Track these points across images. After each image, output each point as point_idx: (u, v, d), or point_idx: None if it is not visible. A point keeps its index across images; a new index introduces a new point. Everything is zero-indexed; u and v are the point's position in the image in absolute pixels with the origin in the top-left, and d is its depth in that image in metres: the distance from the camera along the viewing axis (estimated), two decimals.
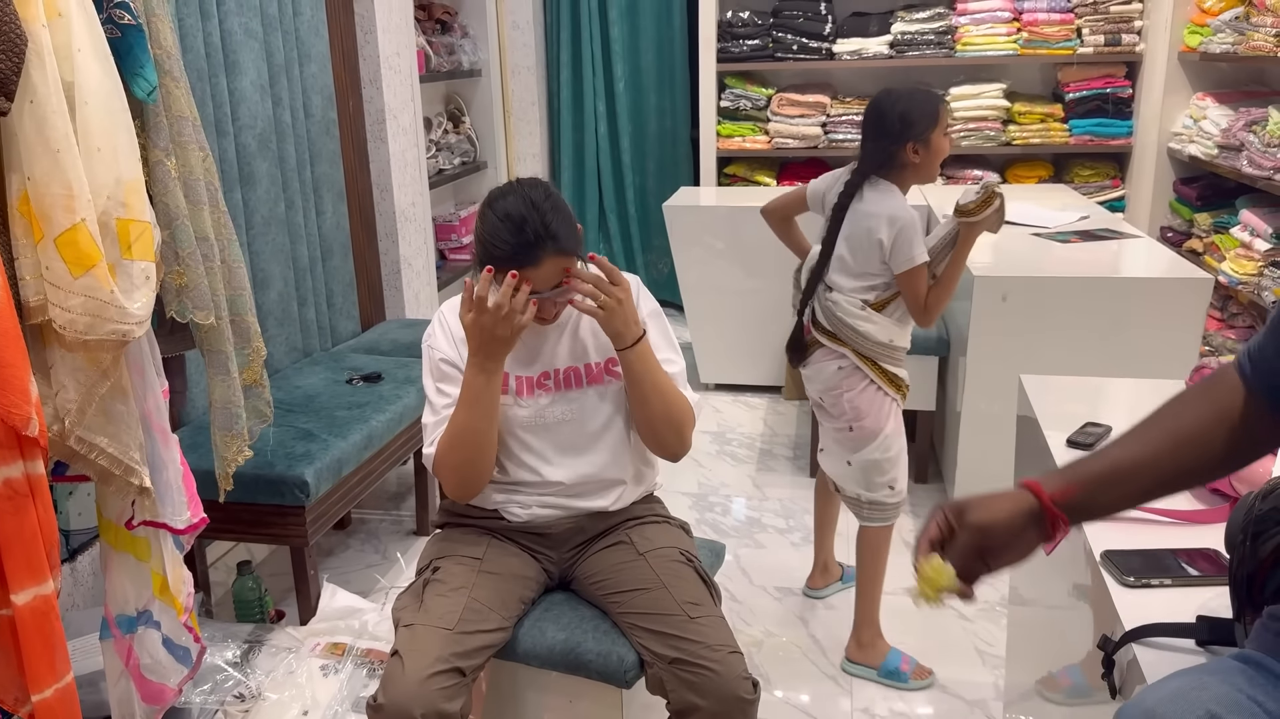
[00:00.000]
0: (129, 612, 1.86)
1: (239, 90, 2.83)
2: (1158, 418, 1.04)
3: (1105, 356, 2.78)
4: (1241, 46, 3.59)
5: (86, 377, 1.58)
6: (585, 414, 1.80)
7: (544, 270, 1.63)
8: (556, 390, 1.80)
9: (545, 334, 1.79)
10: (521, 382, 1.79)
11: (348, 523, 3.19)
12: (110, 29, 1.62)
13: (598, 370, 1.81)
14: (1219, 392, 1.03)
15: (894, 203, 2.21)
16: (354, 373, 2.99)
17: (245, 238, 2.88)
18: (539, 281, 1.63)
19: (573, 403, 1.80)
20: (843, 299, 2.26)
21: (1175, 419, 1.03)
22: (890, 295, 2.25)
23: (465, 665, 1.60)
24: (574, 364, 1.80)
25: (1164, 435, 1.03)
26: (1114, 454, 1.05)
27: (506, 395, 1.78)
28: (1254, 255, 3.42)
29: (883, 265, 2.22)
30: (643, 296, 1.82)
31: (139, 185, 1.63)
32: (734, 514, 3.25)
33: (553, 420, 1.80)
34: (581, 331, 1.81)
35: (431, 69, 4.29)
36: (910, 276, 2.19)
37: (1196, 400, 1.04)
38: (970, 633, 2.55)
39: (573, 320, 1.80)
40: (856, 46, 4.60)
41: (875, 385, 2.28)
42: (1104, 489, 1.03)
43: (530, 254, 1.61)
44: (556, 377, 1.80)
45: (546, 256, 1.62)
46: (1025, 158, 4.74)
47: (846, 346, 2.27)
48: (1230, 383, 1.02)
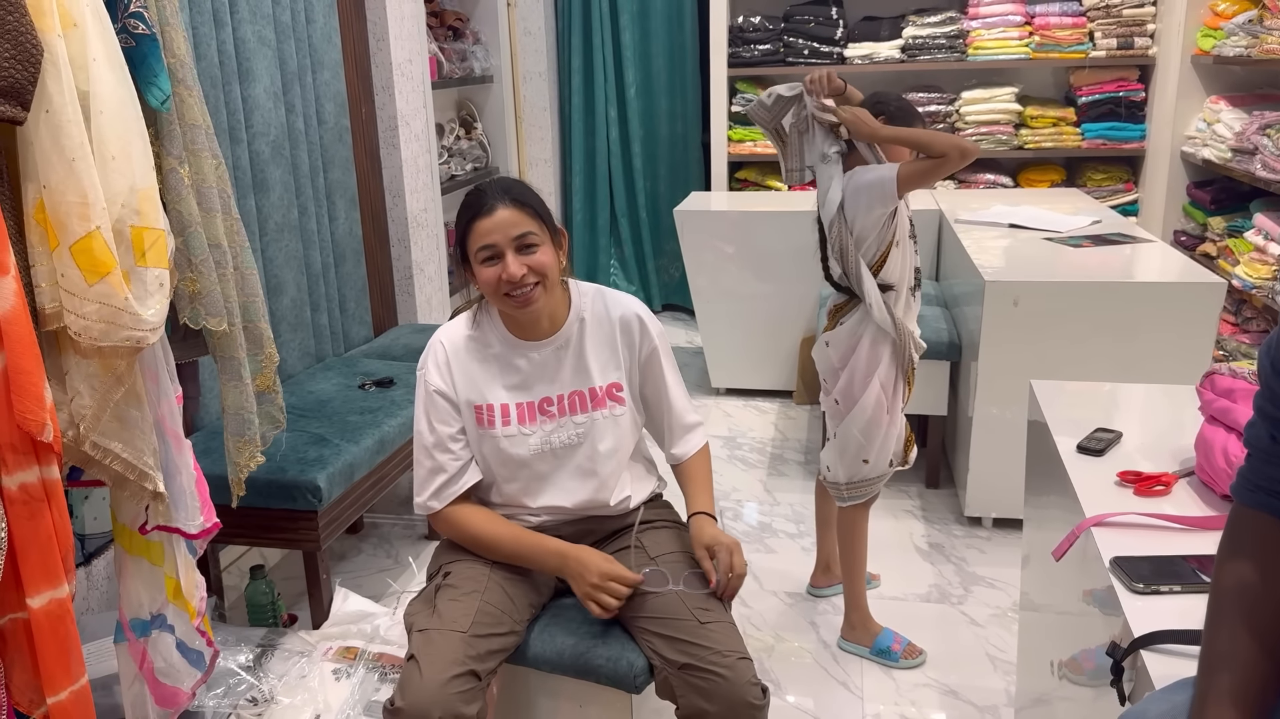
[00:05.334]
0: (143, 615, 1.87)
1: (252, 98, 2.85)
2: (1226, 625, 0.95)
3: (1117, 362, 2.77)
4: (1255, 50, 3.57)
5: (101, 383, 1.60)
6: (594, 438, 1.81)
7: (499, 218, 1.69)
8: (561, 416, 1.80)
9: (547, 358, 1.80)
10: (522, 408, 1.79)
11: (360, 527, 3.21)
12: (124, 38, 1.63)
13: (602, 394, 1.81)
14: (1266, 554, 0.97)
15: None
16: (366, 378, 3.01)
17: (258, 244, 2.90)
18: (495, 231, 1.69)
19: (580, 427, 1.80)
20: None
21: (1251, 617, 0.95)
22: (881, 255, 2.25)
23: (480, 669, 1.61)
24: (578, 388, 1.80)
25: (1259, 647, 0.94)
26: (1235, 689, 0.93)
27: (508, 425, 1.79)
28: (1268, 259, 3.40)
29: (856, 219, 2.22)
30: (648, 323, 1.86)
31: (153, 193, 1.64)
32: (745, 519, 3.24)
33: (559, 445, 1.80)
34: (586, 355, 1.81)
35: (443, 75, 4.31)
36: (907, 180, 2.15)
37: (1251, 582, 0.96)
38: (982, 639, 2.54)
39: (574, 342, 1.81)
40: (868, 51, 4.60)
41: (881, 350, 2.28)
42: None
43: (485, 202, 1.71)
44: (560, 402, 1.80)
45: (500, 205, 1.69)
46: (1037, 162, 4.73)
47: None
48: (1265, 532, 0.98)
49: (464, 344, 1.82)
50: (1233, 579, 0.97)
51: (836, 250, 2.26)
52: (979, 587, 2.77)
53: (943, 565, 2.88)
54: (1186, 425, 1.60)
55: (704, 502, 1.85)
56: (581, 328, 1.81)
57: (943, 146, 2.13)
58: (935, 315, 3.38)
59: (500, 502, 1.85)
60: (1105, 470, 1.51)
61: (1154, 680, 1.04)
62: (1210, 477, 1.42)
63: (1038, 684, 1.85)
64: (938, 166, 2.13)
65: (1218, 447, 1.39)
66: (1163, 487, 1.44)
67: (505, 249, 1.68)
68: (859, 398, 2.31)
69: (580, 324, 1.81)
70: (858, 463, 2.35)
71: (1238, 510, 1.01)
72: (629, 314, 1.84)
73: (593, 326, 1.82)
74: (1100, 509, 1.39)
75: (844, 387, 2.34)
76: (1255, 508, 0.99)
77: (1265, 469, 0.98)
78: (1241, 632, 0.93)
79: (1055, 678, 1.66)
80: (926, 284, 3.86)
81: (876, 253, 2.23)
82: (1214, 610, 0.97)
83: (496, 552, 1.77)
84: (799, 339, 4.12)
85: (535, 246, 1.70)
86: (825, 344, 2.37)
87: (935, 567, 2.88)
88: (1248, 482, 1.00)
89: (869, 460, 2.35)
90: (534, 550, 1.76)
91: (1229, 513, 1.02)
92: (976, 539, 3.01)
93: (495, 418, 1.79)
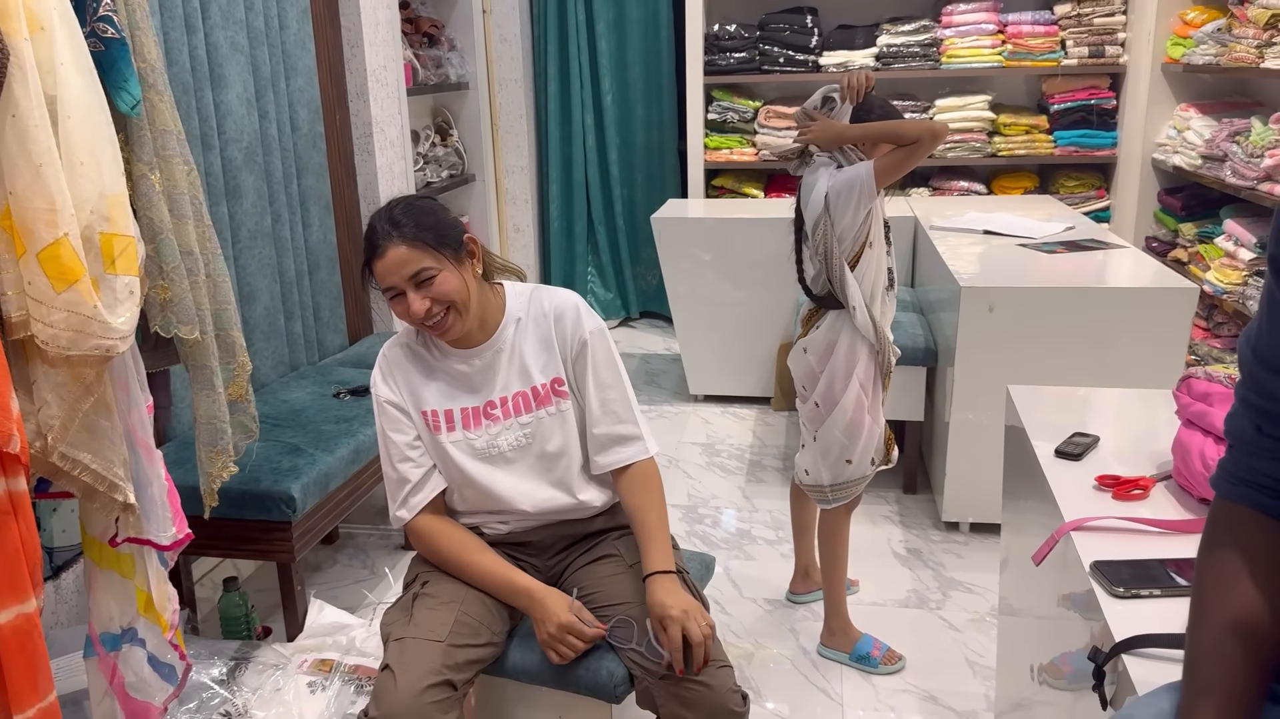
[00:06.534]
0: (113, 629, 1.84)
1: (225, 104, 2.82)
2: (1210, 622, 0.94)
3: (1092, 366, 2.79)
4: (1224, 58, 3.62)
5: (69, 392, 1.57)
6: (541, 437, 1.79)
7: (390, 260, 1.65)
8: (506, 418, 1.78)
9: (487, 362, 1.78)
10: (467, 413, 1.78)
11: (335, 538, 3.17)
12: (94, 42, 1.61)
13: (545, 392, 1.79)
14: (1248, 549, 0.95)
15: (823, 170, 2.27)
16: (341, 386, 2.98)
17: (231, 251, 2.87)
18: (390, 273, 1.66)
19: (526, 427, 1.79)
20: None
21: (1235, 614, 0.93)
22: (858, 250, 2.26)
23: (457, 679, 1.59)
24: (521, 389, 1.79)
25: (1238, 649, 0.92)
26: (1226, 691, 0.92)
27: (454, 431, 1.78)
28: (1238, 265, 3.44)
29: (840, 217, 2.23)
30: (583, 315, 1.81)
31: (123, 199, 1.62)
32: (724, 526, 3.24)
33: (507, 448, 1.79)
34: (525, 355, 1.79)
35: (419, 82, 4.29)
36: (884, 172, 2.17)
37: (1233, 576, 0.94)
38: (961, 644, 2.54)
39: (511, 343, 1.79)
40: (843, 59, 4.62)
41: (858, 351, 2.29)
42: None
43: (376, 243, 1.67)
44: (504, 404, 1.78)
45: (390, 246, 1.65)
46: (1011, 169, 4.77)
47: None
48: (1247, 526, 0.96)
49: (406, 354, 1.81)
50: (1215, 576, 0.95)
51: (820, 252, 2.26)
52: (957, 592, 2.78)
53: (921, 571, 2.89)
54: (1162, 429, 1.61)
55: (655, 556, 1.68)
56: (518, 328, 1.79)
57: (913, 132, 2.14)
58: (911, 321, 3.39)
59: (465, 509, 1.83)
60: (1083, 475, 1.52)
61: (1135, 685, 1.03)
62: (1188, 480, 1.42)
63: (1017, 689, 1.86)
64: (911, 153, 2.14)
65: (1195, 450, 1.40)
66: (1140, 490, 1.44)
67: (404, 288, 1.67)
68: (839, 399, 2.31)
69: (516, 325, 1.79)
70: (841, 464, 2.36)
71: (1219, 505, 0.99)
72: (563, 306, 1.80)
73: (529, 325, 1.79)
74: (1079, 513, 1.39)
75: (824, 389, 2.34)
76: (1236, 501, 0.97)
77: (1248, 461, 0.96)
78: (1226, 629, 0.92)
79: (1034, 683, 1.66)
80: (903, 291, 3.88)
81: (850, 253, 2.25)
82: (1197, 608, 0.95)
83: (466, 576, 1.75)
84: (776, 345, 4.12)
85: (433, 278, 1.66)
86: (803, 350, 2.38)
87: (913, 572, 2.88)
88: (1229, 474, 0.98)
89: (852, 461, 2.35)
90: (502, 585, 1.72)
91: (1210, 508, 1.01)
92: (954, 544, 3.02)
93: (441, 424, 1.78)
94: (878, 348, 2.30)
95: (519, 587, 1.71)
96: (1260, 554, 0.94)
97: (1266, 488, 0.95)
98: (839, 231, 2.23)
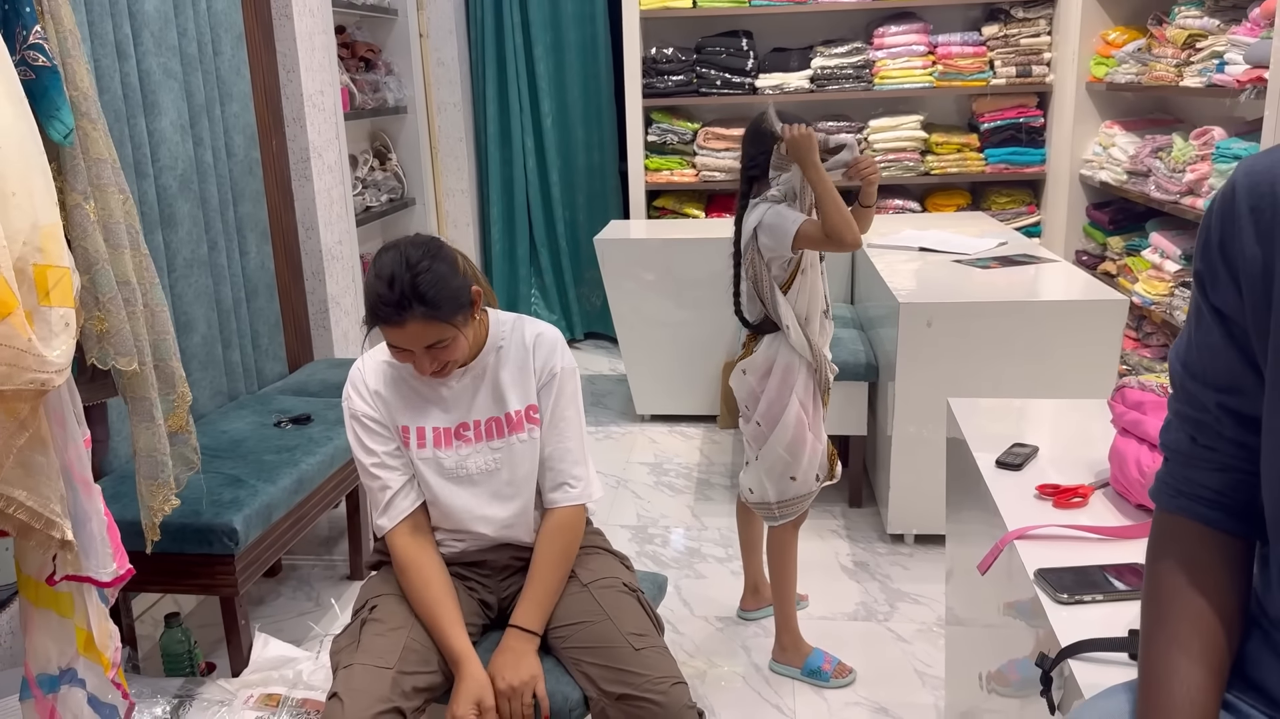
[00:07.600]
0: (51, 670, 1.78)
1: (159, 131, 2.77)
2: (1162, 637, 0.95)
3: (1029, 378, 2.86)
4: (1145, 76, 3.74)
5: (3, 428, 1.53)
6: (512, 463, 1.80)
7: (409, 332, 1.62)
8: (478, 441, 1.79)
9: (465, 385, 1.78)
10: (439, 433, 1.78)
11: (278, 570, 3.12)
12: (24, 71, 1.58)
13: (518, 418, 1.80)
14: (1192, 561, 0.97)
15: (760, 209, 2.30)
16: (282, 415, 2.94)
17: (167, 280, 2.82)
18: (407, 342, 1.63)
19: (497, 452, 1.79)
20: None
21: (1184, 624, 0.95)
22: (791, 273, 2.30)
23: (406, 707, 1.57)
24: (494, 414, 1.79)
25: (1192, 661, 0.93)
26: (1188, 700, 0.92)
27: (424, 449, 1.77)
28: (1165, 276, 3.55)
29: (767, 250, 2.28)
30: (560, 350, 1.82)
31: (56, 230, 1.58)
32: (673, 545, 3.24)
33: (476, 471, 1.79)
34: (501, 381, 1.79)
35: (356, 106, 4.27)
36: (803, 239, 2.22)
37: (1180, 588, 0.96)
38: (909, 655, 2.57)
39: (490, 370, 1.79)
40: (778, 81, 4.69)
41: (796, 369, 2.32)
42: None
43: (395, 314, 1.60)
44: (477, 428, 1.79)
45: (411, 319, 1.60)
46: (943, 187, 4.87)
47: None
48: (1190, 538, 0.98)
49: (383, 371, 1.80)
50: (1164, 590, 0.97)
51: (750, 276, 2.31)
52: (904, 603, 2.81)
53: (868, 583, 2.92)
54: (1098, 438, 1.66)
55: (529, 610, 1.72)
56: (499, 356, 1.80)
57: (842, 232, 2.16)
58: (851, 338, 3.44)
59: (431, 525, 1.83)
60: (1024, 484, 1.55)
61: (1082, 688, 1.06)
62: (1125, 487, 1.46)
63: (966, 697, 1.88)
64: (829, 244, 2.21)
65: (1130, 458, 1.44)
66: (1080, 498, 1.48)
67: (415, 349, 1.65)
68: (780, 417, 2.35)
69: (497, 353, 1.80)
70: (785, 481, 2.39)
71: (1161, 518, 1.01)
72: (544, 337, 1.82)
73: (509, 353, 1.80)
74: (1021, 522, 1.42)
75: (764, 408, 2.37)
76: (1177, 513, 0.99)
77: (1184, 473, 0.99)
78: (1176, 643, 0.93)
79: (983, 690, 1.69)
80: (843, 307, 3.93)
81: (783, 279, 2.30)
82: (1148, 623, 0.97)
83: (418, 611, 1.73)
84: (721, 364, 4.14)
85: (446, 346, 1.66)
86: (743, 371, 2.41)
87: (861, 585, 2.92)
88: (1168, 487, 1.00)
89: (796, 478, 2.38)
90: (441, 637, 1.69)
91: (1152, 520, 1.03)
92: (900, 556, 3.06)
93: (412, 440, 1.78)
94: (815, 366, 2.34)
95: (454, 648, 1.67)
96: (1205, 565, 0.96)
97: (1205, 499, 0.97)
98: (767, 259, 2.29)
